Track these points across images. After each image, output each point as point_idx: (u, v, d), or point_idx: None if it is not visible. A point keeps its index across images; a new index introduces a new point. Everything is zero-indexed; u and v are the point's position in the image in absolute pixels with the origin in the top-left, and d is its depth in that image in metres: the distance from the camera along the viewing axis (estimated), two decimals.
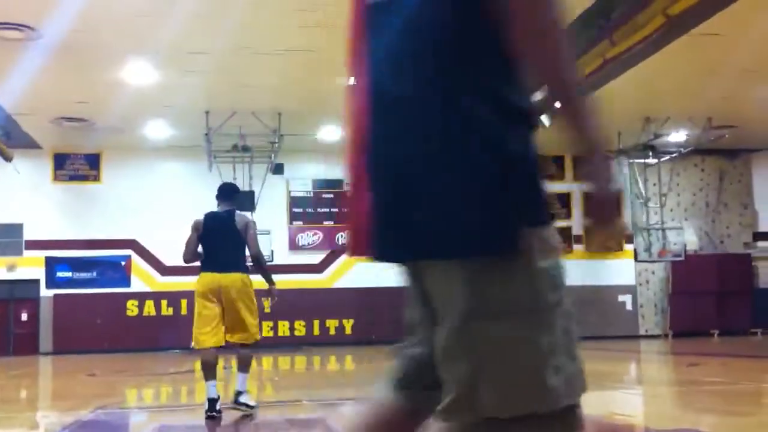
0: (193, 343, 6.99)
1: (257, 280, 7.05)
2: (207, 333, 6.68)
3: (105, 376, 13.03)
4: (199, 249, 7.05)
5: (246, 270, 6.88)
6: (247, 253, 6.92)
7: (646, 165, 23.17)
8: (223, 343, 6.79)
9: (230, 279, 6.68)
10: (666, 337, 23.80)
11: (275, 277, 7.35)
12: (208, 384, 6.51)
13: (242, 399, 6.81)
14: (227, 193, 7.04)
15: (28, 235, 21.87)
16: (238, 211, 7.03)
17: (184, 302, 22.20)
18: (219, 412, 6.48)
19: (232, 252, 6.76)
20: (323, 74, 16.34)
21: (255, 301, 6.99)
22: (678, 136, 21.75)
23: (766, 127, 21.38)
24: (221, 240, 6.74)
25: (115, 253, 22.20)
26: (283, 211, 22.85)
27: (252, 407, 6.83)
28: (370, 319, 22.53)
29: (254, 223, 7.07)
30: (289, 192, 23.11)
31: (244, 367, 6.87)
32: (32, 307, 21.82)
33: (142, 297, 22.21)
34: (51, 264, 21.88)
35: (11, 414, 7.36)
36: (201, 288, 6.75)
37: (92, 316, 21.59)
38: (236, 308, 6.70)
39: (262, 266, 7.03)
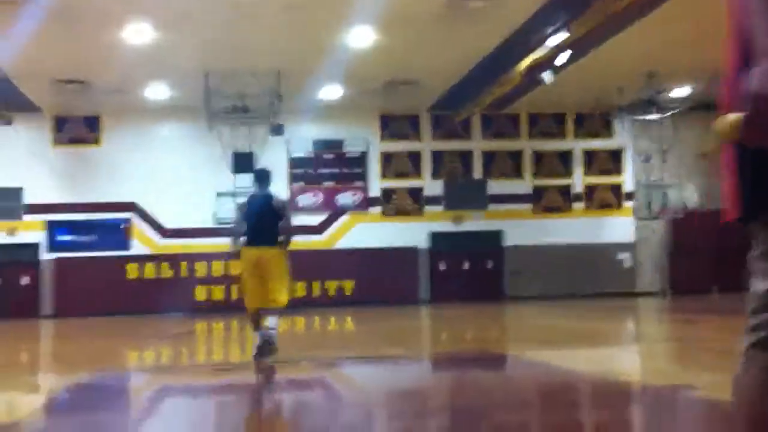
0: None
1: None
2: (252, 299, 7.81)
3: (105, 339, 13.12)
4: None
5: (282, 245, 7.89)
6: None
7: (649, 121, 23.03)
8: (265, 305, 7.74)
9: (270, 253, 7.73)
10: (664, 294, 23.88)
11: None
12: (255, 334, 7.78)
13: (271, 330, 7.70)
14: (263, 177, 8.13)
15: (28, 198, 21.86)
16: (274, 194, 8.05)
17: (184, 264, 22.27)
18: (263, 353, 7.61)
19: (270, 229, 7.77)
20: (322, 32, 16.22)
21: (287, 271, 7.95)
22: (681, 91, 21.58)
23: None
24: (261, 219, 7.75)
25: (116, 216, 22.21)
26: (283, 173, 22.78)
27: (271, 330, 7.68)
28: (369, 280, 22.61)
29: (288, 202, 8.32)
30: (289, 153, 23.04)
31: (274, 317, 7.79)
32: (33, 271, 21.89)
33: (142, 259, 22.27)
34: (51, 227, 21.89)
35: (12, 376, 7.42)
36: (245, 261, 7.82)
37: (93, 280, 21.66)
38: (273, 277, 7.72)
39: (289, 239, 8.05)
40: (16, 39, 15.58)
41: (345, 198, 23.30)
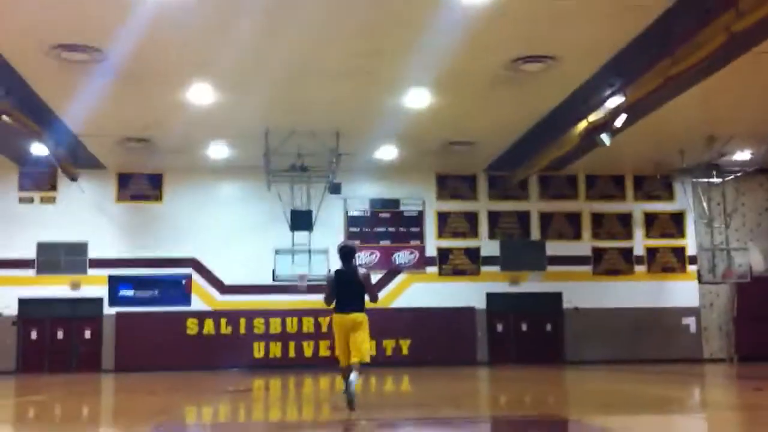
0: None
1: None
2: (342, 355, 9.12)
3: (165, 394, 13.18)
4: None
5: (364, 310, 9.22)
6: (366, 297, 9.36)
7: (711, 184, 22.68)
8: (352, 362, 8.99)
9: (360, 317, 9.10)
10: (731, 361, 23.16)
11: None
12: (345, 382, 8.95)
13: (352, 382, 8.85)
14: (349, 254, 9.42)
15: (92, 253, 22.34)
16: (358, 267, 9.47)
17: (242, 321, 22.41)
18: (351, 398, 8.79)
19: (359, 298, 9.20)
20: (380, 94, 16.43)
21: (369, 332, 9.22)
22: (743, 154, 21.27)
23: None
24: (350, 289, 9.19)
25: (176, 271, 22.54)
26: (340, 231, 22.94)
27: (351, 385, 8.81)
28: (426, 340, 22.42)
29: (370, 274, 9.56)
30: (347, 211, 23.20)
31: (357, 373, 8.99)
32: (95, 325, 22.24)
33: (201, 315, 22.48)
34: (114, 282, 22.30)
35: (73, 430, 7.47)
36: (336, 325, 9.19)
37: (153, 335, 21.92)
38: (358, 338, 9.03)
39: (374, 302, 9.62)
40: (85, 99, 16.13)
41: (401, 257, 23.29)
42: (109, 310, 22.27)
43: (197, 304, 22.61)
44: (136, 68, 14.58)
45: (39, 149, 19.14)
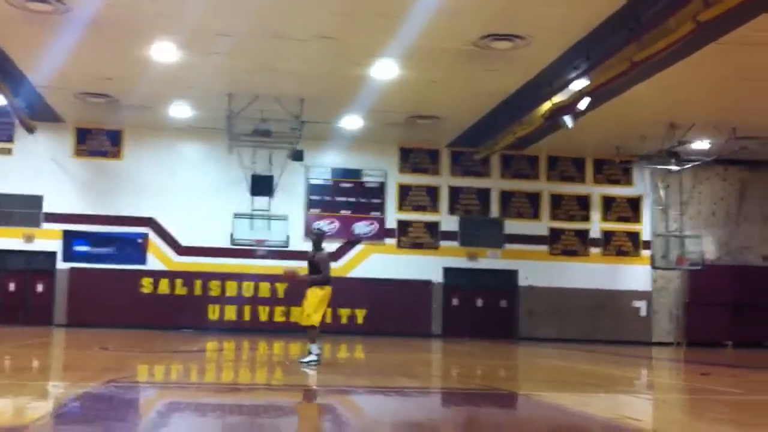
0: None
1: None
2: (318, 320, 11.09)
3: (117, 351, 13.11)
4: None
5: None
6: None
7: (669, 171, 23.01)
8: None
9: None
10: (678, 345, 23.66)
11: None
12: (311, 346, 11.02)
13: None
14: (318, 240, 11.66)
15: (47, 207, 22.03)
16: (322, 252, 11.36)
17: (198, 283, 22.32)
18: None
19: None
20: (348, 63, 16.33)
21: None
22: (702, 144, 21.59)
23: None
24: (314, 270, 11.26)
25: (133, 230, 22.34)
26: (300, 198, 22.89)
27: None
28: (382, 310, 22.54)
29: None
30: (308, 179, 23.13)
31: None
32: (48, 279, 22.00)
33: (157, 275, 22.34)
34: (69, 237, 22.03)
35: (22, 382, 7.41)
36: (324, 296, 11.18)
37: (107, 291, 21.74)
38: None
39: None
40: (45, 51, 15.81)
41: (361, 227, 23.32)
42: (62, 265, 22.02)
43: (153, 263, 22.45)
44: (99, 21, 14.30)
45: None
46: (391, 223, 23.58)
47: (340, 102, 19.19)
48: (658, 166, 22.75)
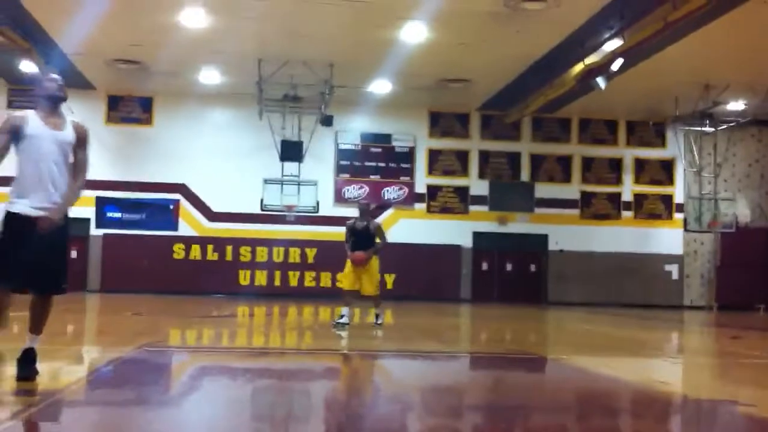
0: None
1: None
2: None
3: (150, 316, 13.30)
4: None
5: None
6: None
7: (703, 133, 22.69)
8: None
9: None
10: (710, 308, 23.50)
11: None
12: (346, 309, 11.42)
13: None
14: (364, 212, 12.01)
15: None
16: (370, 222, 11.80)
17: (229, 249, 22.51)
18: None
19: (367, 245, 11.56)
20: (377, 26, 16.23)
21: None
22: (737, 105, 21.23)
23: None
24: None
25: (164, 196, 22.53)
26: (330, 163, 22.91)
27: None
28: (411, 275, 22.60)
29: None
30: (338, 144, 23.13)
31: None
32: (81, 246, 22.28)
33: (188, 241, 22.57)
34: (101, 204, 22.28)
35: (57, 347, 7.55)
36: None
37: (139, 258, 22.01)
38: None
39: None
40: (78, 18, 15.87)
41: (390, 192, 23.32)
42: (96, 232, 22.31)
43: (184, 229, 22.67)
44: None
45: (28, 67, 18.88)
46: (420, 187, 23.55)
47: (369, 66, 19.10)
48: (692, 128, 22.43)
